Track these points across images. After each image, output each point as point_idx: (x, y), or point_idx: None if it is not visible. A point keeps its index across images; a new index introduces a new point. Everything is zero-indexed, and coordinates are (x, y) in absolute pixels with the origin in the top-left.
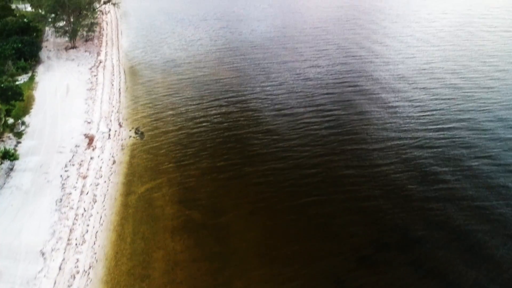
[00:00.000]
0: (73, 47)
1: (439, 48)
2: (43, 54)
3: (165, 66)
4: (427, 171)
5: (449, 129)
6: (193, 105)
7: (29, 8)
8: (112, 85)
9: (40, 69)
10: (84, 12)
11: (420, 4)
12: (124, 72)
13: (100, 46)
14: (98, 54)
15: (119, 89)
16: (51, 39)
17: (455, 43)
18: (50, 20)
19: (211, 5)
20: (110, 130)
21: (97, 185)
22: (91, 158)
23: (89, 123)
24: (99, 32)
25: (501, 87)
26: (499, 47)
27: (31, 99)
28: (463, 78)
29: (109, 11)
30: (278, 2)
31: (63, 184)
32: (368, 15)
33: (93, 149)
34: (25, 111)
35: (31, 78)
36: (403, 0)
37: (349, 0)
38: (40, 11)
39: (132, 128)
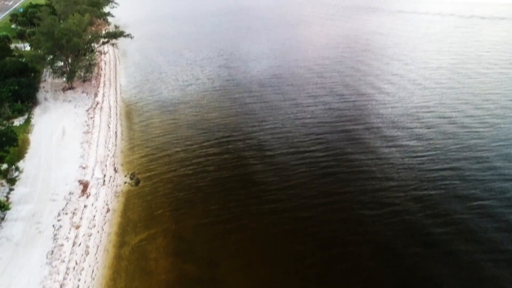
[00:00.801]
0: (71, 88)
1: (434, 91)
2: (40, 95)
3: (162, 107)
4: (426, 215)
5: (443, 178)
6: (189, 147)
7: (28, 48)
8: (109, 127)
9: (36, 111)
10: (83, 53)
11: (415, 43)
12: (121, 113)
13: (98, 86)
14: (96, 95)
15: (116, 132)
16: (48, 80)
17: (450, 85)
18: (48, 61)
19: (209, 44)
20: (105, 176)
21: (90, 235)
22: (85, 206)
23: (84, 168)
24: (97, 72)
25: (497, 130)
26: (494, 88)
27: (26, 143)
28: (457, 122)
29: (107, 51)
30: (274, 41)
31: (55, 234)
32: (363, 56)
33: (87, 197)
34: (20, 155)
35: (27, 121)
36: (398, 40)
37: (345, 41)
38: (38, 51)
39: (128, 173)
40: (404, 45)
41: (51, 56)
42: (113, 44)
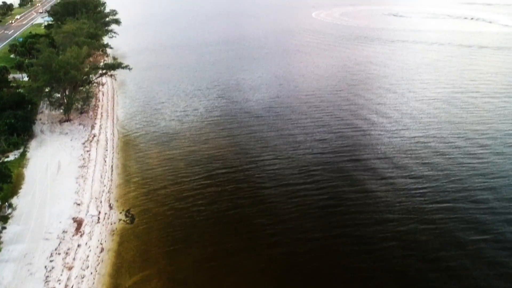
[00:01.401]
0: (68, 120)
1: (431, 124)
2: (36, 127)
3: (159, 138)
4: (423, 249)
5: (445, 204)
6: (185, 180)
7: (26, 78)
8: (105, 161)
9: (32, 144)
10: (80, 84)
11: (412, 73)
12: (118, 145)
13: (95, 118)
14: (93, 127)
15: (112, 166)
16: (46, 111)
17: (447, 118)
18: (45, 93)
19: (207, 74)
20: (99, 213)
21: (83, 277)
22: (78, 245)
23: (78, 205)
24: (95, 103)
25: (495, 165)
26: (492, 121)
27: (20, 178)
28: (456, 149)
29: (106, 82)
30: (271, 71)
31: (47, 277)
32: (360, 87)
33: (81, 235)
34: (14, 191)
35: (23, 154)
36: (395, 69)
37: (341, 70)
38: (36, 84)
39: (123, 209)
40: (401, 75)
41: (48, 89)
42: (111, 75)
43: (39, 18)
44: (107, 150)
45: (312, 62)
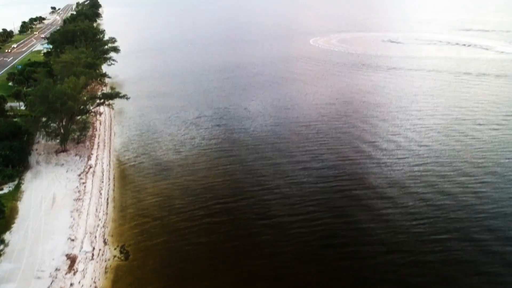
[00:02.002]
0: (64, 150)
1: (430, 150)
2: (32, 158)
3: (156, 169)
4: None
5: (441, 240)
6: (182, 213)
7: (23, 107)
8: (101, 193)
9: (27, 176)
10: (77, 114)
11: (410, 101)
12: (114, 177)
13: (92, 148)
14: (89, 158)
15: (107, 198)
16: (42, 141)
17: (446, 143)
18: (42, 124)
19: (205, 102)
20: (94, 249)
21: None
22: (71, 284)
23: (72, 240)
24: (92, 132)
25: (492, 192)
26: (490, 147)
27: (14, 212)
28: (454, 182)
29: (103, 112)
30: (270, 98)
31: None
32: (360, 113)
33: (74, 273)
34: (7, 226)
35: (17, 187)
36: (393, 97)
37: (340, 98)
38: (32, 114)
39: (117, 245)
40: (399, 103)
41: (45, 119)
42: (109, 105)
43: (38, 45)
44: (103, 181)
45: (309, 90)
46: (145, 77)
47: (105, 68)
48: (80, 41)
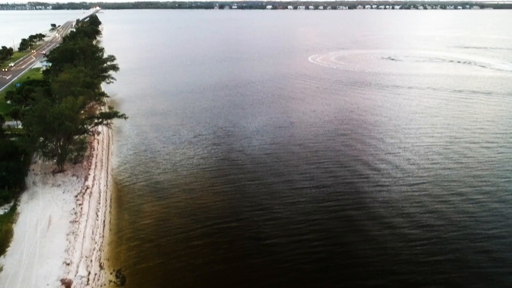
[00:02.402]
0: (61, 170)
1: (429, 171)
2: (29, 179)
3: (154, 190)
4: None
5: (438, 262)
6: (179, 236)
7: (21, 126)
8: (97, 215)
9: (23, 197)
10: (74, 134)
11: (409, 119)
12: (111, 198)
13: (89, 168)
14: (86, 178)
15: (104, 221)
16: (39, 161)
17: (445, 164)
18: (39, 144)
19: (203, 120)
20: (89, 273)
21: None
22: None
23: (68, 264)
24: (89, 152)
25: (489, 213)
26: (489, 166)
27: (9, 235)
28: (451, 203)
29: (101, 131)
30: (268, 117)
31: None
32: (357, 132)
33: None
34: (1, 249)
35: (13, 209)
36: (391, 114)
37: (338, 116)
38: (30, 135)
39: (114, 270)
40: (398, 120)
41: (42, 139)
42: (107, 124)
43: (37, 63)
44: (99, 203)
45: (307, 109)
46: (143, 95)
47: (103, 86)
48: (79, 59)
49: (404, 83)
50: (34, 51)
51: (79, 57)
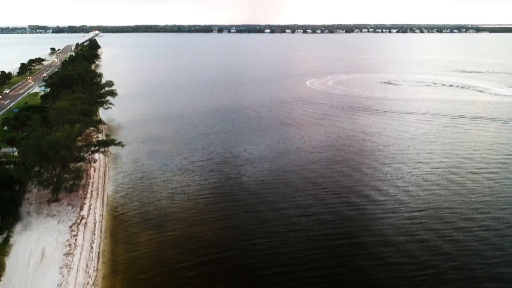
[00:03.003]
0: (56, 200)
1: (427, 199)
2: (23, 208)
3: (149, 220)
4: None
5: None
6: (175, 270)
7: (17, 153)
8: (92, 247)
9: (17, 228)
10: (70, 162)
11: (406, 145)
12: (107, 229)
13: (85, 198)
14: (81, 208)
15: (98, 253)
16: (34, 190)
17: (443, 193)
18: (34, 173)
19: (200, 147)
20: None
21: None
22: None
23: None
24: (86, 180)
25: (494, 248)
26: (488, 194)
27: (1, 269)
28: (452, 237)
29: (98, 159)
30: (265, 143)
31: None
32: (355, 159)
33: None
34: None
35: (6, 240)
36: (389, 141)
37: (336, 142)
38: (25, 161)
39: None
40: (395, 146)
41: (37, 168)
42: (103, 152)
43: (36, 87)
44: (94, 234)
45: (306, 134)
46: (141, 120)
47: (101, 111)
48: (77, 85)
49: (401, 108)
50: (30, 77)
51: (77, 83)
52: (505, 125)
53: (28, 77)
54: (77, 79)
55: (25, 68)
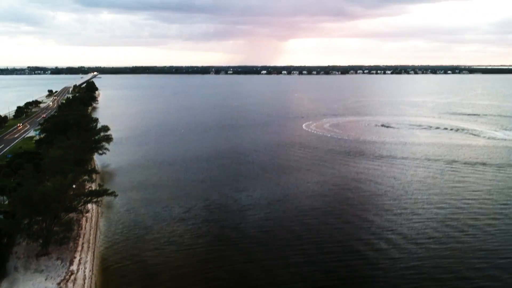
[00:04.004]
0: (45, 253)
1: (426, 248)
2: (10, 263)
3: (141, 275)
4: None
5: None
6: None
7: (7, 202)
8: None
9: (3, 285)
10: (62, 213)
11: (403, 191)
12: (96, 286)
13: (75, 251)
14: (71, 262)
15: None
16: (23, 243)
17: (442, 241)
18: (23, 226)
19: (196, 194)
20: None
21: None
22: None
23: None
24: (77, 231)
25: None
26: (486, 243)
27: None
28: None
29: (90, 209)
30: (262, 189)
31: None
32: (353, 206)
33: None
34: None
35: None
36: (386, 187)
37: (333, 188)
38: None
39: None
40: (393, 193)
41: (27, 221)
42: (96, 202)
43: (31, 131)
44: None
45: (302, 180)
46: (136, 165)
47: (96, 156)
48: (73, 131)
49: (398, 153)
50: (21, 124)
51: (73, 129)
52: (502, 170)
53: (19, 124)
54: (72, 124)
55: (22, 111)
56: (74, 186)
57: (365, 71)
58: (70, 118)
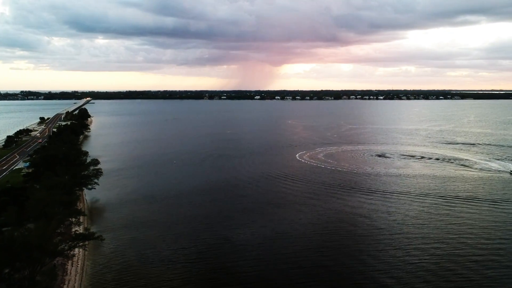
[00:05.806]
0: None
1: (420, 265)
2: None
3: None
4: None
5: None
6: None
7: None
8: None
9: None
10: (45, 259)
11: (399, 228)
12: None
13: None
14: None
15: None
16: None
17: (438, 283)
18: (4, 274)
19: (187, 231)
20: None
21: None
22: None
23: None
24: (62, 277)
25: None
26: (486, 283)
27: None
28: None
29: (76, 253)
30: (256, 225)
31: None
32: (347, 246)
33: None
34: None
35: None
36: (381, 223)
37: (330, 222)
38: None
39: None
40: (388, 231)
41: (7, 270)
42: (82, 245)
43: (20, 163)
44: None
45: (295, 217)
46: (126, 201)
47: (85, 191)
48: (61, 166)
49: (392, 186)
50: (11, 156)
51: (61, 163)
52: (498, 206)
53: (10, 157)
54: (61, 159)
55: (11, 141)
56: (59, 230)
57: (358, 96)
58: (60, 152)
